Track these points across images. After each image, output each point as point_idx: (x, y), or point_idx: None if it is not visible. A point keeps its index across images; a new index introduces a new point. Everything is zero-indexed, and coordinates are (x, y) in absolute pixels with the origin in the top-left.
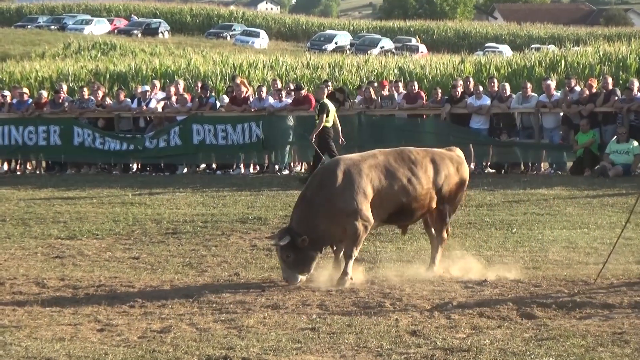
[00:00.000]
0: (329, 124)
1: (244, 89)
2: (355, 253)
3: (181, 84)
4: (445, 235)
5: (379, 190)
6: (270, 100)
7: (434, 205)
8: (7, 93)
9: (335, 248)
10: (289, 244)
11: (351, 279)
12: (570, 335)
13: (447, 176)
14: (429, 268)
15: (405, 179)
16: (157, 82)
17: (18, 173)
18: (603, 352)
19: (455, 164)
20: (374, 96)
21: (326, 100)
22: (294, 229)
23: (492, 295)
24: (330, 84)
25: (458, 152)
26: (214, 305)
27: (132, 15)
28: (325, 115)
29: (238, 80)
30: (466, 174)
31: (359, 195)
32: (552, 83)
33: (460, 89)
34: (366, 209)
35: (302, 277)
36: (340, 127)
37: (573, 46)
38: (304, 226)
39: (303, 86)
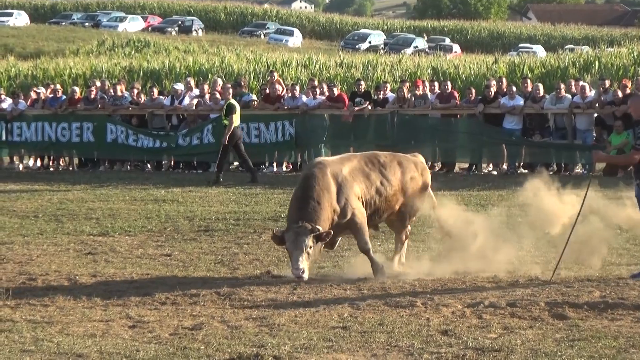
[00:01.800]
0: (237, 124)
1: (278, 87)
2: (369, 244)
3: (219, 82)
4: (404, 236)
5: (361, 190)
6: (304, 98)
7: (398, 207)
8: (41, 89)
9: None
10: (315, 236)
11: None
12: (602, 336)
13: (412, 179)
14: (389, 267)
15: (378, 181)
16: (191, 80)
17: (51, 169)
18: (635, 353)
19: (419, 168)
20: (407, 95)
21: (233, 100)
22: (313, 224)
23: (524, 296)
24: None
25: (420, 158)
26: (246, 302)
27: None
28: (234, 116)
29: (275, 77)
30: (428, 179)
31: (351, 195)
32: (586, 84)
33: (493, 89)
34: (358, 206)
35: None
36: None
37: (607, 47)
38: (317, 221)
39: (336, 84)
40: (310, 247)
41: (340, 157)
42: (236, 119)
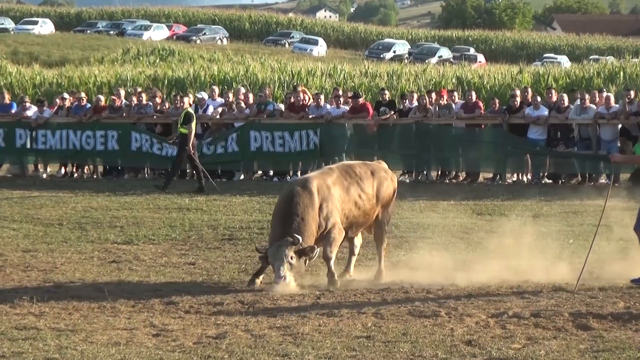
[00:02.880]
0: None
1: (303, 96)
2: (333, 256)
3: (242, 90)
4: (385, 242)
5: (341, 204)
6: (328, 107)
7: (375, 216)
8: (66, 96)
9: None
10: (298, 251)
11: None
12: (627, 347)
13: (387, 187)
14: (377, 276)
15: (357, 195)
16: (215, 88)
17: (75, 177)
18: None
19: (389, 175)
20: (429, 105)
21: (190, 109)
22: (298, 238)
23: (548, 306)
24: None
25: (384, 165)
26: (270, 311)
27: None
28: (192, 124)
29: (300, 89)
30: (396, 184)
31: (334, 210)
32: (611, 95)
33: (518, 99)
34: (339, 220)
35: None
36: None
37: (632, 57)
38: (302, 237)
39: (361, 94)
40: (292, 258)
41: (321, 172)
42: (194, 127)
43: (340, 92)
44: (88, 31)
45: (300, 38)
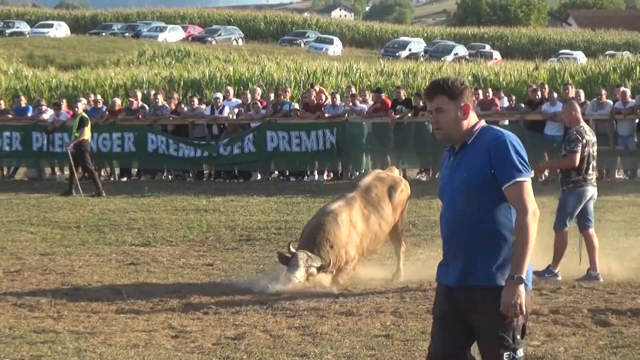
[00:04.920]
0: (87, 137)
1: (320, 95)
2: (342, 281)
3: (258, 91)
4: (403, 244)
5: (361, 238)
6: (344, 106)
7: (393, 225)
8: (82, 100)
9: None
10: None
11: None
12: None
13: (402, 198)
14: (396, 275)
15: (377, 225)
16: (230, 89)
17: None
18: None
19: (402, 183)
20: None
21: (84, 114)
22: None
23: (567, 303)
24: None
25: (395, 173)
26: (288, 312)
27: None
28: (86, 129)
29: (317, 89)
30: (409, 189)
31: (354, 246)
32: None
33: (539, 93)
34: (357, 257)
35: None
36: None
37: None
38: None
39: (383, 89)
40: (313, 269)
41: (346, 203)
42: (87, 132)
43: (354, 91)
44: (103, 33)
45: (315, 37)
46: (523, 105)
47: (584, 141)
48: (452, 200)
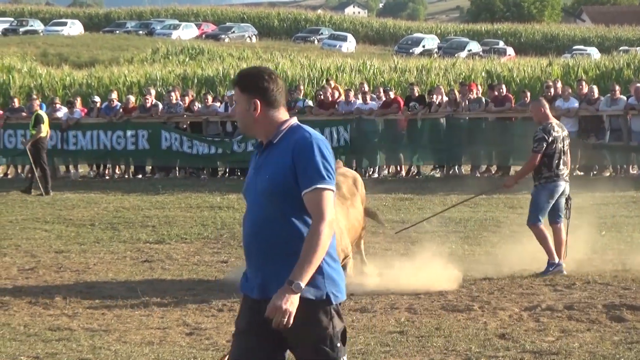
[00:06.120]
0: (44, 134)
1: (333, 92)
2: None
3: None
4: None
5: (346, 228)
6: (358, 103)
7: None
8: (97, 99)
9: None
10: None
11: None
12: None
13: (364, 192)
14: (360, 267)
15: (355, 220)
16: None
17: (107, 177)
18: None
19: (358, 176)
20: (459, 99)
21: (41, 112)
22: None
23: (581, 298)
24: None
25: (341, 164)
26: None
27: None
28: (42, 126)
29: (332, 84)
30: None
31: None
32: None
33: (553, 90)
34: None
35: None
36: None
37: None
38: None
39: (391, 88)
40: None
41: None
42: (44, 129)
43: (366, 88)
44: (117, 31)
45: (329, 34)
46: None
47: (551, 139)
48: (254, 204)
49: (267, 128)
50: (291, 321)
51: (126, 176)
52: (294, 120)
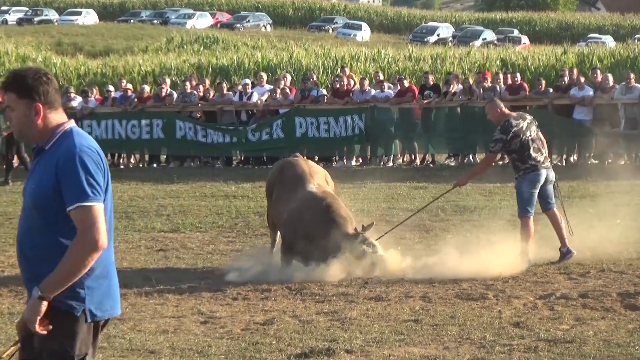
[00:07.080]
0: None
1: (348, 80)
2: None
3: (288, 77)
4: None
5: None
6: (373, 92)
7: None
8: (111, 88)
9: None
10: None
11: None
12: None
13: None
14: None
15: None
16: (264, 75)
17: (121, 167)
18: None
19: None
20: (473, 87)
21: None
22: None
23: (596, 287)
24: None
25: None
26: (317, 297)
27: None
28: None
29: (347, 72)
30: None
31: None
32: None
33: (567, 78)
34: None
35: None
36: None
37: None
38: None
39: (405, 77)
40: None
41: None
42: None
43: (381, 77)
44: (132, 21)
45: (343, 23)
46: (551, 90)
47: (510, 135)
48: (24, 211)
49: (43, 132)
50: (36, 328)
51: (141, 165)
52: (70, 124)
